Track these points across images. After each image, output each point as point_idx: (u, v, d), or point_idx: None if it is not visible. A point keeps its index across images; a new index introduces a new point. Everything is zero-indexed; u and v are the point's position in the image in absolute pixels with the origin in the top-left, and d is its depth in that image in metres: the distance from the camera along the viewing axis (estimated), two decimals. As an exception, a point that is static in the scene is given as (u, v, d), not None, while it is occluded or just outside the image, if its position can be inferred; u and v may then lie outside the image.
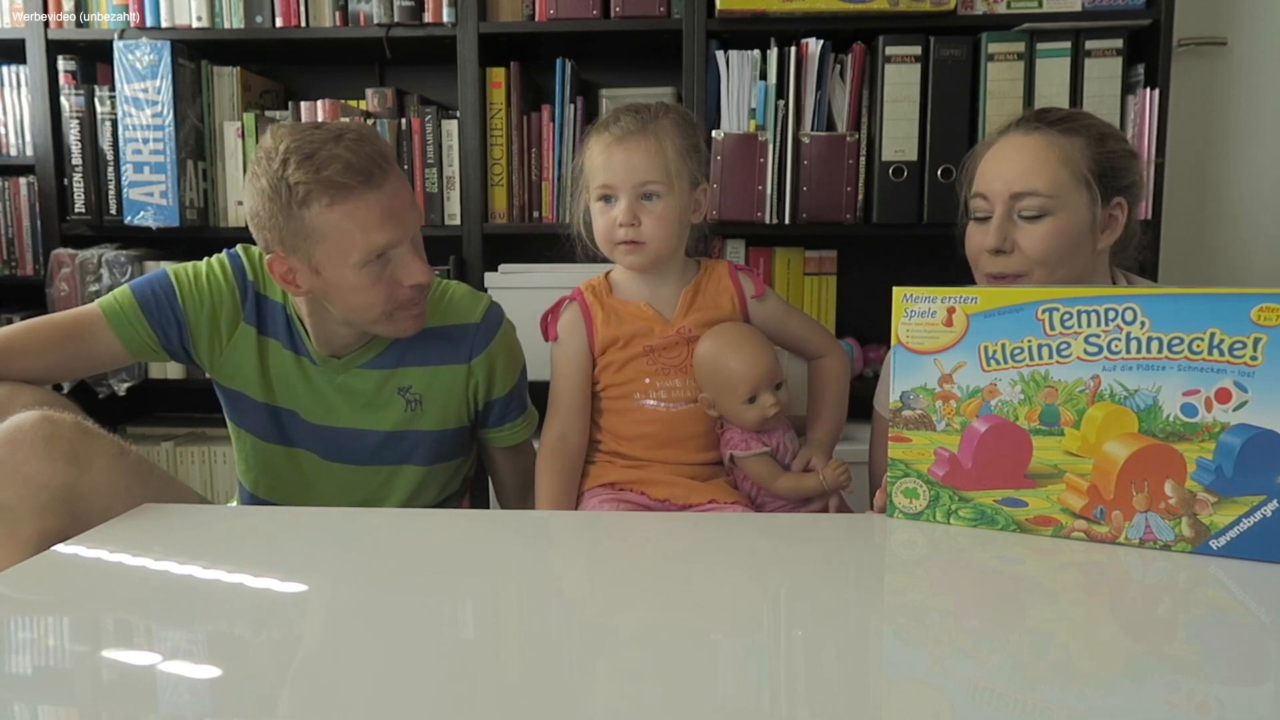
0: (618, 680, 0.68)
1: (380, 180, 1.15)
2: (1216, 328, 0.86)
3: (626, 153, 1.21)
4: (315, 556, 0.97)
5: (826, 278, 2.19)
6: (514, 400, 1.39)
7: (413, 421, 1.32)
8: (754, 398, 1.20)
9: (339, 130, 1.15)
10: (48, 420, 1.04)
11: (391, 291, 1.19)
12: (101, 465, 1.05)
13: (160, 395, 2.45)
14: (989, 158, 1.24)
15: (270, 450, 1.34)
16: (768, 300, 1.31)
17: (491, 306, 1.36)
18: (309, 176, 1.11)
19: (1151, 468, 0.90)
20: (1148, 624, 0.79)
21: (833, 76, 2.01)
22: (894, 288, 1.00)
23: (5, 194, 2.28)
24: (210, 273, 1.29)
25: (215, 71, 2.20)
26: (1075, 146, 1.19)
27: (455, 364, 1.32)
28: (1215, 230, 2.33)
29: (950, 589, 0.89)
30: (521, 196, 2.16)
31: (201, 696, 0.66)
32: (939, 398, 0.98)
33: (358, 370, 1.30)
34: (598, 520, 1.18)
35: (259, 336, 1.30)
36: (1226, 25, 2.27)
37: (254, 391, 1.31)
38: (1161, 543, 0.90)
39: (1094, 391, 0.91)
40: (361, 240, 1.14)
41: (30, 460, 1.01)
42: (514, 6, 2.10)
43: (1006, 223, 1.19)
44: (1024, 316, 0.93)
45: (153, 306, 1.26)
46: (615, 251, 1.25)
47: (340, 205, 1.13)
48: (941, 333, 0.97)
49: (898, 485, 1.01)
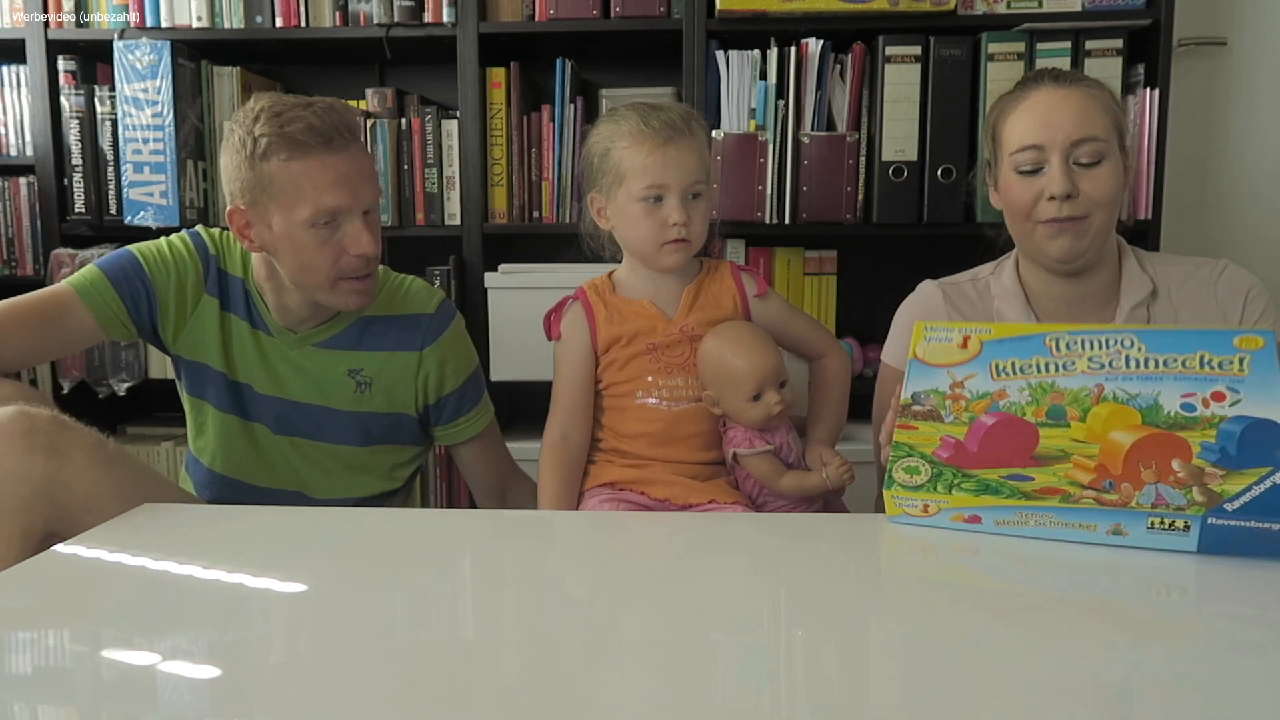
0: (618, 680, 0.68)
1: (340, 146, 1.21)
2: (1205, 350, 0.94)
3: (678, 152, 1.20)
4: (315, 556, 0.97)
5: (826, 278, 2.19)
6: (468, 393, 1.42)
7: (360, 403, 1.36)
8: (758, 395, 1.20)
9: (312, 100, 1.23)
10: (24, 415, 1.05)
11: (337, 257, 1.23)
12: (80, 457, 1.06)
13: (160, 395, 2.44)
14: (1026, 112, 1.24)
15: (229, 421, 1.37)
16: (770, 299, 1.31)
17: (445, 301, 1.42)
18: (272, 131, 1.18)
19: (1158, 450, 0.91)
20: (1154, 630, 0.79)
21: (833, 76, 2.01)
22: (916, 322, 1.06)
23: (5, 194, 2.28)
24: (173, 247, 1.34)
25: (215, 71, 2.20)
26: (1106, 98, 1.24)
27: (408, 350, 1.36)
28: (1215, 230, 2.34)
29: (951, 589, 0.89)
30: (521, 196, 2.16)
31: (201, 696, 0.66)
32: (949, 398, 1.02)
33: (312, 348, 1.34)
34: (598, 520, 1.17)
35: (221, 310, 1.34)
36: (1226, 25, 2.27)
37: (215, 362, 1.35)
38: (1174, 506, 0.89)
39: (1098, 395, 0.95)
40: (313, 197, 1.20)
41: (8, 456, 1.02)
42: (514, 6, 2.10)
43: (1067, 169, 1.20)
44: (1033, 343, 1.00)
45: (122, 280, 1.30)
46: (661, 250, 1.23)
47: (297, 161, 1.19)
48: (957, 353, 1.03)
49: (899, 464, 1.01)
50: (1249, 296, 1.25)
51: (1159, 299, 1.27)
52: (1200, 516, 0.88)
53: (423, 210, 2.17)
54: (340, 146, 1.21)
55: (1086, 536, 0.93)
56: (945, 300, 1.34)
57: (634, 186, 1.21)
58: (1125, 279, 1.28)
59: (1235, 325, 1.23)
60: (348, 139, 1.22)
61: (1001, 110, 1.29)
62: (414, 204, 2.16)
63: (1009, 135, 1.25)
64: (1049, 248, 1.23)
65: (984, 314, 1.32)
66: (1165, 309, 1.26)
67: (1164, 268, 1.29)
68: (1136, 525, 0.91)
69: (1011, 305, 1.30)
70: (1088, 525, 0.93)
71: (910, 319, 1.35)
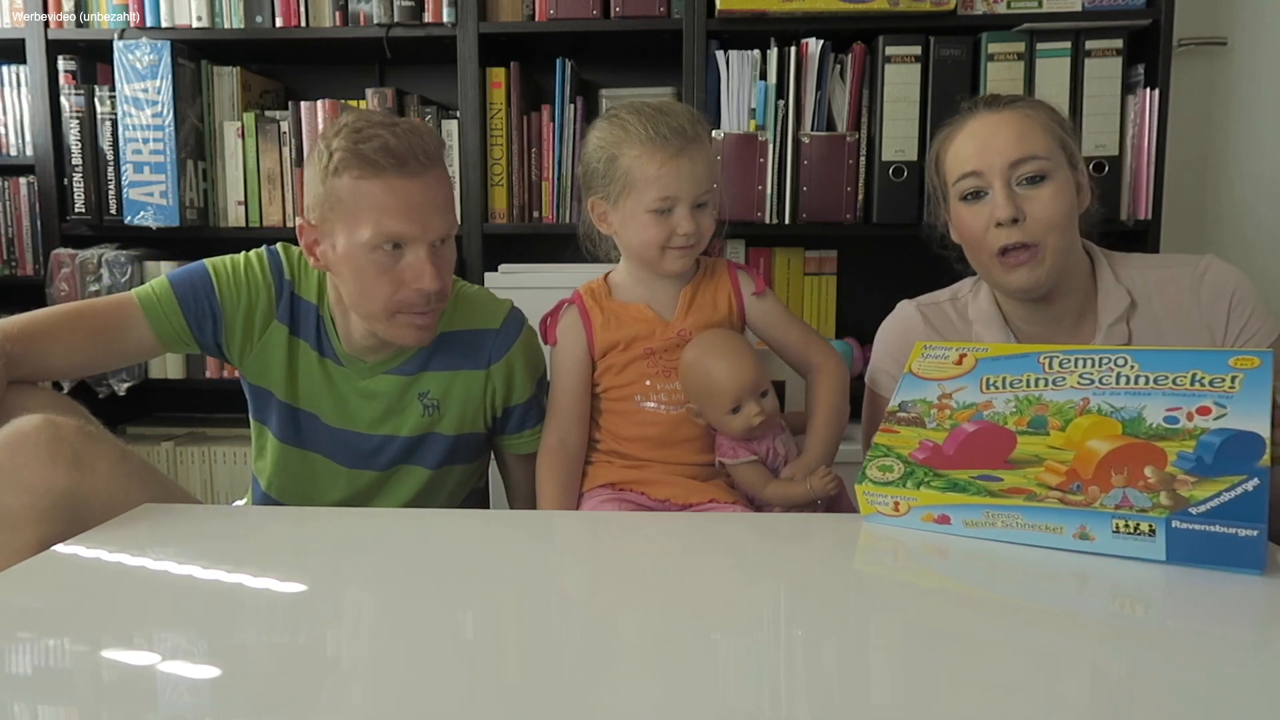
0: (617, 679, 0.68)
1: (415, 172, 1.16)
2: (1199, 369, 0.95)
3: (691, 163, 1.19)
4: (315, 556, 0.97)
5: (826, 278, 2.19)
6: (533, 407, 1.36)
7: (430, 425, 1.32)
8: (738, 408, 1.19)
9: (397, 120, 1.19)
10: (50, 424, 1.03)
11: (396, 288, 1.18)
12: (104, 470, 1.04)
13: (160, 395, 2.45)
14: (964, 139, 1.23)
15: (287, 451, 1.34)
16: (767, 299, 1.30)
17: (512, 312, 1.35)
18: (347, 146, 1.15)
19: (1132, 458, 0.90)
20: (1136, 636, 0.79)
21: (833, 76, 2.01)
22: (917, 341, 1.08)
23: (5, 194, 2.28)
24: (249, 267, 1.29)
25: (215, 71, 2.21)
26: (1045, 116, 1.22)
27: (474, 369, 1.31)
28: (1215, 230, 2.34)
29: (950, 589, 0.89)
30: (521, 196, 2.16)
31: (201, 696, 0.66)
32: (935, 407, 1.03)
33: (382, 375, 1.30)
34: (598, 520, 1.17)
35: (290, 336, 1.29)
36: (1226, 25, 2.27)
37: (279, 391, 1.31)
38: (1138, 508, 0.86)
39: (1082, 408, 0.96)
40: (376, 219, 1.15)
41: (32, 465, 1.00)
42: (514, 6, 2.10)
43: (1010, 192, 1.18)
44: (1028, 360, 1.03)
45: (190, 299, 1.26)
46: (665, 256, 1.22)
47: (367, 181, 1.15)
48: (951, 368, 1.05)
49: (874, 462, 1.01)
50: (1234, 300, 1.21)
51: (1139, 310, 1.23)
52: (1164, 519, 0.84)
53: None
54: (415, 172, 1.15)
55: (1053, 540, 0.90)
56: (924, 321, 1.32)
57: (645, 197, 1.20)
58: (1101, 295, 1.25)
59: (1220, 334, 1.21)
60: (424, 164, 1.16)
61: (941, 143, 1.28)
62: (414, 204, 2.16)
63: (950, 166, 1.25)
64: (1007, 281, 1.21)
65: (963, 336, 1.30)
66: (1146, 322, 1.23)
67: (1143, 273, 1.25)
68: (1102, 528, 0.87)
69: (989, 329, 1.28)
70: (1054, 528, 0.90)
71: (890, 340, 1.34)
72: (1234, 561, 0.82)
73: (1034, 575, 0.88)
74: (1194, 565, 0.84)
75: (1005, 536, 0.92)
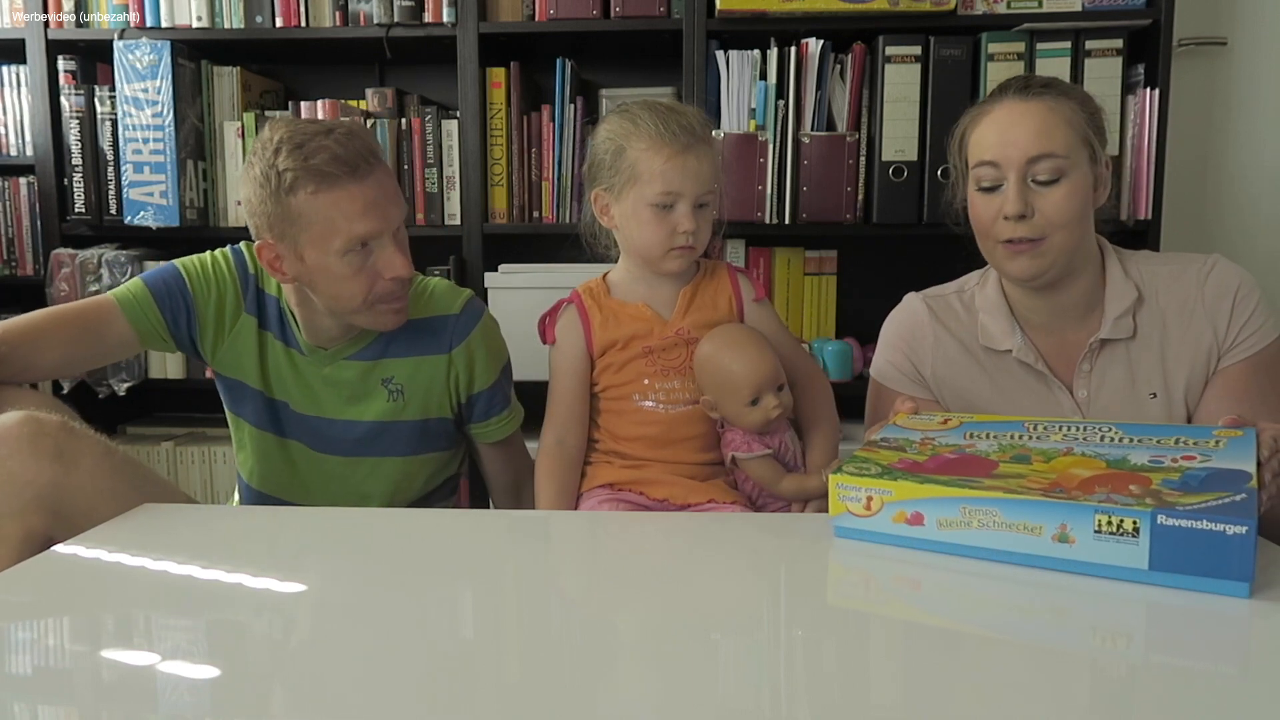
0: (617, 680, 0.69)
1: (365, 173, 1.20)
2: (1183, 436, 0.99)
3: (696, 161, 1.20)
4: (315, 556, 0.97)
5: (826, 278, 2.19)
6: (498, 394, 1.41)
7: (396, 413, 1.36)
8: (757, 400, 1.20)
9: (331, 125, 1.22)
10: (32, 420, 1.05)
11: (372, 283, 1.23)
12: (88, 464, 1.06)
13: (160, 395, 2.45)
14: (988, 126, 1.23)
15: (265, 439, 1.38)
16: (766, 307, 1.31)
17: (471, 299, 1.39)
18: (297, 164, 1.17)
19: (1116, 480, 0.90)
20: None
21: (833, 76, 2.01)
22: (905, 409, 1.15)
23: (5, 194, 2.28)
24: (215, 264, 1.35)
25: (215, 71, 2.21)
26: (1072, 109, 1.21)
27: (436, 354, 1.35)
28: (1215, 230, 2.34)
29: (950, 589, 0.89)
30: (521, 196, 2.16)
31: (201, 696, 0.66)
32: (917, 444, 1.05)
33: (343, 362, 1.34)
34: (597, 520, 1.17)
35: (259, 329, 1.34)
36: (1226, 25, 2.27)
37: (253, 380, 1.35)
38: (1120, 503, 0.83)
39: (1066, 453, 0.98)
40: (344, 228, 1.19)
41: (14, 459, 1.02)
42: (514, 6, 2.10)
43: (1023, 188, 1.19)
44: (1013, 424, 1.07)
45: (164, 295, 1.32)
46: (666, 256, 1.23)
47: (325, 193, 1.18)
48: (936, 426, 1.10)
49: (852, 463, 0.99)
50: (1237, 297, 1.22)
51: (1145, 305, 1.24)
52: (1150, 513, 0.81)
53: (423, 210, 2.17)
54: (366, 173, 1.19)
55: (1032, 544, 0.86)
56: (930, 314, 1.32)
57: (648, 190, 1.20)
58: (1109, 287, 1.25)
59: (1223, 330, 1.22)
60: (372, 164, 1.21)
61: (968, 123, 1.27)
62: (414, 204, 2.16)
63: (971, 150, 1.25)
64: (1008, 268, 1.22)
65: (969, 327, 1.31)
66: (1152, 316, 1.24)
67: (1150, 268, 1.26)
68: (1084, 526, 0.83)
69: (995, 318, 1.29)
70: (1033, 528, 0.86)
71: (896, 332, 1.35)
72: (1220, 570, 0.78)
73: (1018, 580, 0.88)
74: (1177, 575, 0.80)
75: (980, 540, 0.89)
